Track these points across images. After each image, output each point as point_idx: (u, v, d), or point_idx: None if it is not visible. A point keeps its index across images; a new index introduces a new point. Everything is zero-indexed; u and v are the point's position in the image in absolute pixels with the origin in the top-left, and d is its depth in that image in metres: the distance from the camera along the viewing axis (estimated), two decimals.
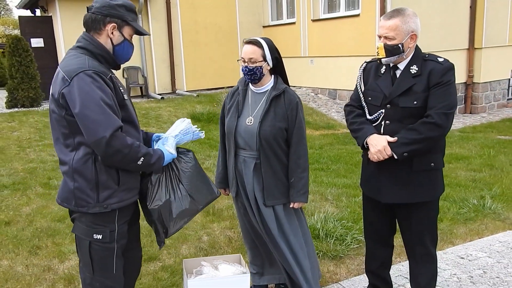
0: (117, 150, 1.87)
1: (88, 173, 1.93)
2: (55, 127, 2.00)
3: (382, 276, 2.71)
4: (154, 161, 2.03)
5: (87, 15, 2.03)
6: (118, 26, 2.02)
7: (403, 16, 2.24)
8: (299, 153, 2.50)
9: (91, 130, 1.85)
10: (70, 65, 1.92)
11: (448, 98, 2.22)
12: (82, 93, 1.85)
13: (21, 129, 7.81)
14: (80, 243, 2.06)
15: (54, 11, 10.71)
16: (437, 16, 9.37)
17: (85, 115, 1.84)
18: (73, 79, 1.86)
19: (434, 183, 2.37)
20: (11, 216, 4.22)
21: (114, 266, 2.04)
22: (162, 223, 2.12)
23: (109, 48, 2.04)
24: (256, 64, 2.44)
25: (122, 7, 2.02)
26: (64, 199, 2.02)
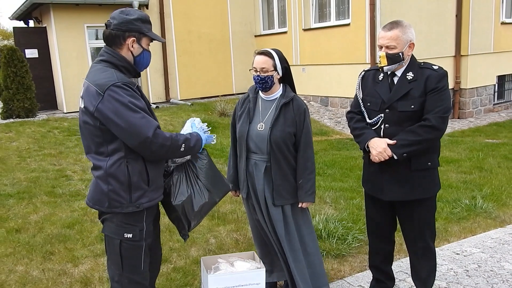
0: (161, 145, 2.06)
1: (121, 176, 2.09)
2: (87, 137, 2.14)
3: (385, 270, 2.89)
4: (194, 143, 2.23)
5: (107, 31, 2.16)
6: (137, 39, 2.17)
7: (402, 27, 2.44)
8: (307, 156, 2.68)
9: (134, 134, 2.01)
10: (100, 79, 2.06)
11: (444, 102, 2.43)
12: (117, 105, 2.00)
13: (19, 139, 7.88)
14: (110, 242, 2.19)
15: (48, 22, 10.81)
16: (424, 25, 9.67)
17: (125, 123, 2.00)
18: (105, 92, 2.01)
19: (431, 181, 2.57)
20: (20, 224, 4.32)
21: (142, 263, 2.19)
22: (186, 217, 2.30)
23: (130, 59, 2.19)
24: (267, 73, 2.62)
25: (139, 21, 2.16)
26: (96, 202, 2.16)
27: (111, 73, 2.08)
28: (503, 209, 4.68)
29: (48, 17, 10.73)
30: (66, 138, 8.05)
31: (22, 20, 13.09)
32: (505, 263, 3.46)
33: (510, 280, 3.19)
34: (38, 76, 10.60)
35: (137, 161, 2.11)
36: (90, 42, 10.85)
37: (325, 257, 3.56)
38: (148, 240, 2.21)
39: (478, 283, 3.17)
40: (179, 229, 2.39)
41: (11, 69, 9.54)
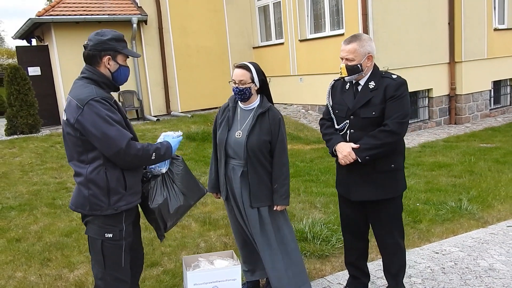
0: (133, 155, 2.28)
1: (100, 182, 2.30)
2: (70, 147, 2.36)
3: (360, 267, 3.06)
4: (164, 151, 2.44)
5: (85, 52, 2.38)
6: (112, 57, 2.39)
7: (360, 41, 2.65)
8: (281, 162, 2.87)
9: (109, 145, 2.23)
10: (80, 94, 2.28)
11: (402, 109, 2.62)
12: (94, 117, 2.22)
13: (22, 154, 8.13)
14: (93, 243, 2.40)
15: (50, 40, 11.14)
16: (416, 33, 9.88)
17: (101, 134, 2.22)
18: (85, 106, 2.23)
19: (395, 182, 2.76)
20: (21, 234, 4.53)
21: (122, 261, 2.39)
22: (162, 219, 2.51)
23: (108, 75, 2.41)
24: (245, 85, 2.83)
25: (113, 40, 2.38)
26: (78, 205, 2.37)
27: (91, 89, 2.30)
28: (487, 211, 4.81)
29: (49, 36, 11.07)
30: None
31: (24, 39, 13.48)
32: (481, 261, 3.60)
33: (484, 276, 3.34)
34: (41, 93, 10.90)
35: (115, 168, 2.32)
36: None
37: (309, 258, 3.73)
38: (128, 239, 2.41)
39: (452, 279, 3.32)
40: (156, 230, 2.59)
41: (14, 87, 9.84)
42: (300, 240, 4.01)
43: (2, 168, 7.30)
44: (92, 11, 10.91)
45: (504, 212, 4.77)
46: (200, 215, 4.93)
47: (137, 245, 2.61)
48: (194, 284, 2.59)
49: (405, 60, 9.66)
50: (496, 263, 3.55)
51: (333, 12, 10.62)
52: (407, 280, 3.27)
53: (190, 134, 9.41)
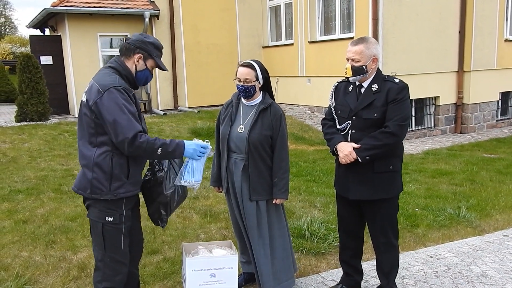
0: (137, 147, 2.37)
1: (105, 167, 2.42)
2: (83, 127, 2.47)
3: (354, 265, 3.15)
4: (173, 148, 2.49)
5: (124, 44, 2.56)
6: (144, 57, 2.54)
7: (367, 43, 2.74)
8: (281, 157, 2.97)
9: (117, 132, 2.34)
10: (104, 81, 2.41)
11: (403, 112, 2.71)
12: (111, 104, 2.34)
13: (31, 141, 8.28)
14: (94, 225, 2.51)
15: (63, 31, 11.30)
16: (425, 40, 9.91)
17: (113, 121, 2.34)
18: (105, 91, 2.36)
19: (393, 183, 2.84)
20: (28, 216, 4.67)
21: (122, 244, 2.51)
22: (169, 207, 2.64)
23: (132, 71, 2.54)
24: (250, 83, 2.92)
25: (151, 44, 2.55)
26: (80, 187, 2.49)
27: (115, 78, 2.44)
28: (485, 219, 4.87)
29: (63, 26, 11.23)
30: (75, 140, 8.41)
31: (38, 29, 13.66)
32: (474, 267, 3.67)
33: (475, 282, 3.41)
34: (51, 82, 11.07)
35: (121, 156, 2.44)
36: (102, 50, 11.31)
37: (305, 254, 3.82)
38: (127, 223, 2.53)
39: (444, 283, 3.39)
40: (159, 218, 2.69)
41: (26, 75, 10.01)
42: (298, 237, 4.11)
43: (11, 153, 7.46)
44: (105, 4, 11.05)
45: (502, 221, 4.82)
46: (202, 207, 5.04)
47: (136, 229, 2.71)
48: (192, 270, 2.69)
49: (413, 67, 9.71)
50: (489, 270, 3.62)
51: (344, 15, 10.68)
52: (399, 281, 3.35)
53: (196, 130, 9.52)
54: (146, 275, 3.43)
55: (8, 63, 22.90)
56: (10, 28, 43.49)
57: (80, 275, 3.47)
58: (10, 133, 8.67)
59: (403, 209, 4.93)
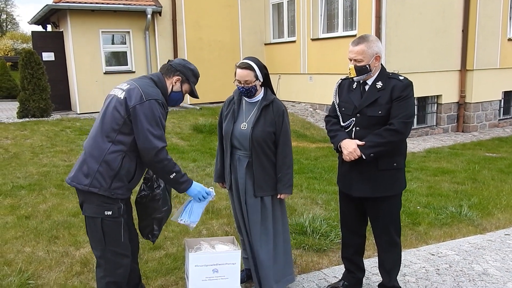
0: (160, 159, 2.46)
1: (114, 165, 2.44)
2: (107, 120, 2.50)
3: (356, 262, 3.15)
4: (183, 180, 2.60)
5: (166, 64, 2.72)
6: (182, 80, 2.69)
7: (368, 42, 2.73)
8: (285, 152, 2.97)
9: (149, 140, 2.42)
10: (148, 90, 2.52)
11: (407, 109, 2.70)
12: (150, 113, 2.44)
13: (33, 137, 8.29)
14: (91, 222, 2.50)
15: (65, 27, 11.30)
16: (428, 38, 9.90)
17: (147, 129, 2.42)
18: (148, 100, 2.46)
19: (396, 180, 2.84)
20: (30, 212, 4.68)
21: (122, 236, 2.52)
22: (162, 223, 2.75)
23: (168, 91, 2.68)
24: (251, 84, 2.92)
25: (191, 71, 2.72)
26: (78, 179, 2.46)
27: (158, 92, 2.57)
28: (487, 218, 4.87)
29: (65, 22, 11.22)
30: (77, 137, 8.45)
31: (40, 25, 13.66)
32: (475, 265, 3.67)
33: (477, 280, 3.41)
34: (53, 79, 11.06)
35: (131, 160, 2.49)
36: (104, 46, 11.30)
37: (307, 251, 3.83)
38: (125, 216, 2.56)
39: (446, 280, 3.40)
40: (150, 233, 2.75)
41: (28, 71, 10.00)
42: (300, 233, 4.11)
43: (14, 149, 7.48)
44: (107, 0, 11.04)
45: (503, 220, 4.82)
46: None
47: (130, 223, 2.74)
48: (195, 265, 2.70)
49: (416, 65, 9.69)
50: (491, 268, 3.62)
51: (346, 13, 10.66)
52: (401, 278, 3.36)
53: (198, 126, 9.53)
54: (148, 270, 3.44)
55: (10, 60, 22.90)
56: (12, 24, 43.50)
57: (83, 271, 3.48)
58: (12, 129, 8.68)
59: (405, 207, 4.93)
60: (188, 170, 6.52)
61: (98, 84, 11.22)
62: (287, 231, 3.13)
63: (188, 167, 6.70)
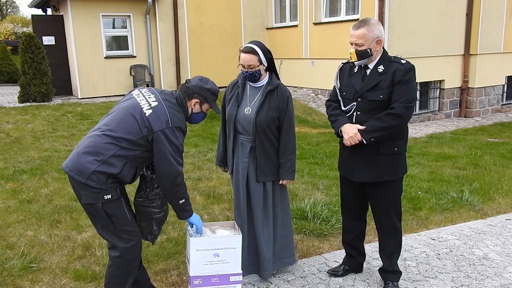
0: (178, 183, 2.53)
1: (116, 167, 2.43)
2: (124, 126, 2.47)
3: (357, 246, 3.17)
4: (189, 209, 2.67)
5: (184, 86, 2.73)
6: (200, 102, 2.71)
7: (369, 26, 2.68)
8: (288, 138, 2.96)
9: (170, 164, 2.47)
10: (175, 116, 2.54)
11: (409, 93, 2.67)
12: (175, 139, 2.49)
13: (34, 121, 8.29)
14: (92, 209, 2.47)
15: (65, 11, 11.20)
16: (431, 22, 9.78)
17: (172, 155, 2.47)
18: (173, 127, 2.49)
19: (397, 165, 2.83)
20: (32, 196, 4.70)
21: (127, 214, 2.54)
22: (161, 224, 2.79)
23: (188, 113, 2.71)
24: (254, 69, 2.89)
25: (209, 91, 2.70)
26: (77, 172, 2.41)
27: (182, 118, 2.61)
28: (488, 203, 4.87)
29: (65, 6, 11.12)
30: (78, 121, 8.44)
31: (40, 8, 13.54)
32: (476, 250, 3.68)
33: (477, 264, 3.42)
34: (54, 63, 11.02)
35: (131, 168, 2.51)
36: (105, 30, 11.22)
37: (308, 236, 3.84)
38: (123, 197, 2.55)
39: (446, 265, 3.41)
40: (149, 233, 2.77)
41: (29, 55, 9.96)
42: (301, 218, 4.13)
43: (15, 133, 7.48)
44: None
45: (504, 205, 4.82)
46: (205, 189, 5.05)
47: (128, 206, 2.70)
48: (196, 250, 2.71)
49: (418, 50, 9.59)
50: (491, 253, 3.63)
51: None
52: (401, 263, 3.37)
53: None
54: (150, 254, 3.46)
55: (10, 43, 22.76)
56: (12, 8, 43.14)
57: (85, 254, 3.50)
58: (14, 114, 8.67)
59: (406, 192, 4.93)
60: (189, 156, 6.52)
61: (99, 68, 11.17)
62: (287, 215, 3.14)
63: (189, 153, 6.70)
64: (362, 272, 3.27)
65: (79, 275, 3.19)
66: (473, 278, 3.22)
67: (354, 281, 3.17)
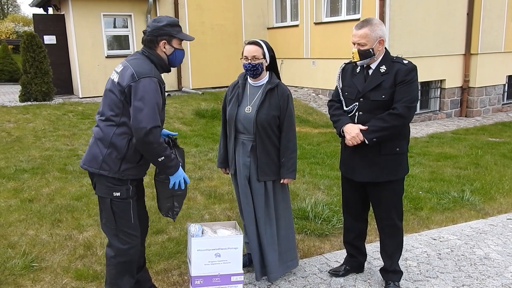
0: (149, 141, 2.39)
1: (120, 147, 2.46)
2: (108, 104, 2.50)
3: (358, 246, 3.17)
4: (171, 165, 2.54)
5: (144, 37, 2.58)
6: (168, 41, 2.57)
7: (371, 25, 2.69)
8: (289, 137, 2.97)
9: (139, 119, 2.37)
10: (140, 68, 2.46)
11: (411, 93, 2.68)
12: (144, 91, 2.39)
13: (35, 120, 8.29)
14: (102, 202, 2.55)
15: (66, 10, 11.19)
16: (432, 22, 9.77)
17: (140, 107, 2.37)
18: (141, 79, 2.40)
19: (399, 165, 2.83)
20: (33, 195, 4.71)
21: (132, 217, 2.55)
22: (182, 199, 2.73)
23: (164, 58, 2.60)
24: (257, 61, 2.90)
25: (168, 26, 2.56)
26: (88, 163, 2.51)
27: (151, 68, 2.50)
28: (489, 203, 4.87)
29: (66, 5, 11.11)
30: (79, 121, 8.44)
31: (41, 7, 13.52)
32: (477, 249, 3.68)
33: (478, 264, 3.43)
34: (55, 62, 11.00)
35: None
36: (106, 30, 11.21)
37: (309, 236, 3.84)
38: (134, 197, 2.57)
39: (447, 264, 3.41)
40: (170, 210, 2.74)
41: (30, 54, 9.94)
42: (302, 218, 4.13)
43: (16, 132, 7.48)
44: None
45: (505, 205, 4.82)
46: (206, 188, 5.06)
47: (141, 206, 2.76)
48: (198, 250, 2.72)
49: (419, 49, 9.59)
50: (492, 252, 3.63)
51: None
52: (402, 263, 3.37)
53: (200, 111, 9.50)
54: (151, 254, 3.46)
55: (11, 42, 22.76)
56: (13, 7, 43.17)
57: (86, 254, 3.51)
58: (15, 113, 8.67)
59: (407, 192, 4.93)
60: (190, 156, 6.52)
61: (100, 68, 11.17)
62: (289, 216, 3.14)
63: (190, 152, 6.70)
64: (363, 272, 3.27)
65: (81, 274, 3.20)
66: (474, 278, 3.22)
67: (355, 281, 3.17)
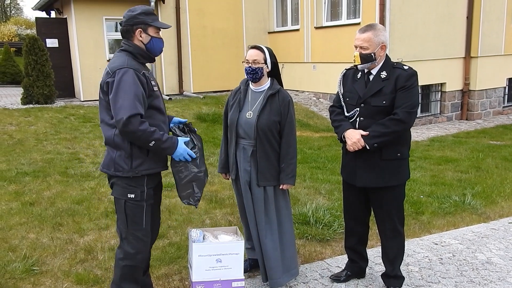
0: (130, 131, 2.38)
1: (124, 146, 2.48)
2: (103, 111, 2.54)
3: (359, 251, 3.17)
4: (166, 146, 2.51)
5: (121, 28, 2.60)
6: (143, 30, 2.57)
7: (375, 30, 2.70)
8: (289, 142, 2.97)
9: (115, 112, 2.39)
10: (113, 63, 2.49)
11: (411, 99, 2.69)
12: (118, 84, 2.40)
13: (37, 123, 8.31)
14: (117, 203, 2.57)
15: (69, 13, 11.23)
16: (433, 25, 9.79)
17: (114, 99, 2.40)
18: (115, 73, 2.42)
19: (400, 170, 2.83)
20: (34, 199, 4.72)
21: (143, 221, 2.56)
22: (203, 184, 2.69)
23: (142, 47, 2.58)
24: (258, 65, 2.93)
25: (142, 14, 2.56)
26: (105, 166, 2.56)
27: (124, 60, 2.49)
28: (490, 207, 4.86)
29: (68, 9, 11.15)
30: (81, 124, 8.45)
31: (44, 11, 13.59)
32: (479, 254, 3.67)
33: (480, 269, 3.42)
34: (57, 65, 11.03)
35: None
36: (108, 34, 11.24)
37: (310, 241, 3.84)
38: (149, 201, 2.58)
39: (449, 269, 3.40)
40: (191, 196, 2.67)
41: (32, 57, 9.97)
42: (303, 223, 4.12)
43: (18, 135, 7.50)
44: None
45: (507, 209, 4.81)
46: (207, 193, 5.05)
47: (155, 210, 2.76)
48: (199, 255, 2.71)
49: (419, 53, 9.60)
50: (494, 257, 3.62)
51: (350, 0, 10.54)
52: (404, 268, 3.36)
53: (201, 115, 9.50)
54: (152, 259, 3.44)
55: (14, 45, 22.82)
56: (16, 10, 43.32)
57: (87, 258, 3.51)
58: (17, 116, 8.69)
59: (408, 196, 4.92)
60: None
61: (101, 71, 11.14)
62: (290, 223, 3.13)
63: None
64: (364, 278, 3.26)
65: (81, 278, 3.19)
66: (476, 283, 3.21)
67: (356, 286, 3.16)
